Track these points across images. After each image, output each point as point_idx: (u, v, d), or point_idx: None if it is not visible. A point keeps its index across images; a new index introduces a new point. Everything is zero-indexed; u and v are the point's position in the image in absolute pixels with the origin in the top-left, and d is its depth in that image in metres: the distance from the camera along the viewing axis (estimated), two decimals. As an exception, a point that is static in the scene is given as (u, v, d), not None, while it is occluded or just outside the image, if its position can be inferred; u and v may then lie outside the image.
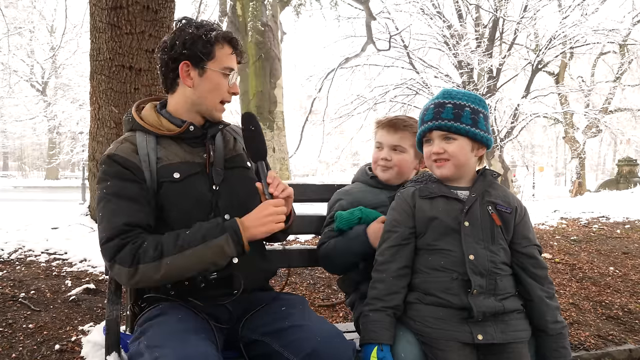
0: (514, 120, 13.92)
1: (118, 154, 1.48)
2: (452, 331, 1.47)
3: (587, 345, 2.90)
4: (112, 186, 1.45)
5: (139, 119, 1.56)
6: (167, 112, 1.58)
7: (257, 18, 8.85)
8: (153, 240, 1.39)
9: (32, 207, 8.64)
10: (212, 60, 1.51)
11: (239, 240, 1.40)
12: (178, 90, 1.56)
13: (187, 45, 1.49)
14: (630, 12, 14.37)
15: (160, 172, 1.49)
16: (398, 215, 1.61)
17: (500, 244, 1.56)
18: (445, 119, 1.54)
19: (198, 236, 1.39)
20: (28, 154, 41.58)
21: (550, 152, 44.59)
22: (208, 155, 1.55)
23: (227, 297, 1.50)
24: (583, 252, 4.50)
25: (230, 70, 1.54)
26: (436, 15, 13.91)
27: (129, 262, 1.35)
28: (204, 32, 1.50)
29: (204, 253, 1.37)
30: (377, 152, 1.92)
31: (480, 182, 1.60)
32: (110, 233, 1.39)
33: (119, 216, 1.40)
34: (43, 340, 2.41)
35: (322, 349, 1.31)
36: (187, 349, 1.23)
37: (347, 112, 14.71)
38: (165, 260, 1.35)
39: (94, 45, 3.44)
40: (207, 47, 1.50)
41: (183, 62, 1.51)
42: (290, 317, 1.44)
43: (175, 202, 1.48)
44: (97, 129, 3.62)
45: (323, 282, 3.49)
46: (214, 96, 1.54)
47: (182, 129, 1.54)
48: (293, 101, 31.24)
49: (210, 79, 1.52)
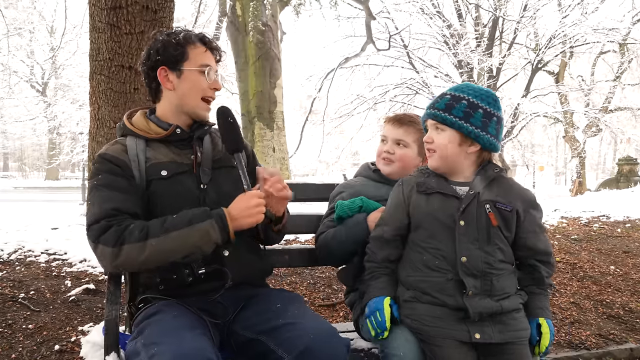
0: (514, 120, 13.91)
1: (109, 153, 1.55)
2: (449, 329, 1.46)
3: (588, 345, 2.90)
4: (103, 179, 1.50)
5: (129, 125, 1.63)
6: (156, 117, 1.65)
7: (257, 18, 8.84)
8: (140, 224, 1.43)
9: (32, 208, 8.65)
10: (186, 61, 1.57)
11: (224, 227, 1.43)
12: (163, 96, 1.63)
13: (160, 52, 1.57)
14: (630, 11, 14.35)
15: (149, 170, 1.54)
16: (393, 206, 1.63)
17: (497, 244, 1.52)
18: (437, 109, 1.54)
19: (185, 219, 1.42)
20: (28, 154, 41.58)
21: (550, 151, 44.57)
22: (195, 156, 1.59)
23: (217, 291, 1.51)
24: (584, 251, 4.49)
25: (207, 67, 1.59)
26: (436, 14, 13.90)
27: (113, 242, 1.38)
28: (173, 37, 1.58)
29: (190, 235, 1.40)
30: (381, 146, 1.95)
31: (481, 178, 1.56)
32: (97, 216, 1.43)
33: (107, 202, 1.45)
34: (43, 341, 2.41)
35: (316, 346, 1.31)
36: (183, 345, 1.23)
37: (347, 111, 14.72)
38: (150, 242, 1.38)
39: (94, 46, 3.43)
40: (179, 49, 1.57)
41: (160, 68, 1.58)
42: (284, 315, 1.44)
43: (162, 198, 1.52)
44: (96, 129, 3.62)
45: (323, 281, 3.49)
46: (195, 94, 1.59)
47: (169, 132, 1.59)
48: (293, 101, 31.22)
49: (189, 79, 1.58)
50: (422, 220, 1.55)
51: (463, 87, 1.58)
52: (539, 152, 42.17)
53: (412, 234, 1.58)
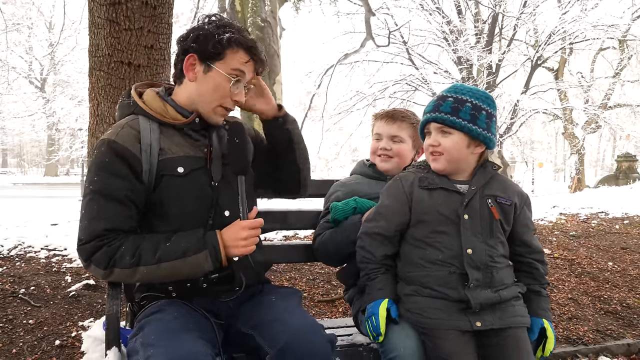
0: (514, 116, 13.92)
1: (118, 141, 1.41)
2: (450, 320, 1.48)
3: (586, 340, 2.91)
4: (99, 181, 1.39)
5: (142, 104, 1.50)
6: (173, 101, 1.53)
7: (256, 14, 8.82)
8: (131, 246, 1.36)
9: (32, 204, 8.64)
10: (220, 61, 1.47)
11: (217, 258, 1.39)
12: (183, 83, 1.53)
13: (199, 40, 1.46)
14: (629, 7, 14.35)
15: (161, 165, 1.44)
16: (394, 201, 1.61)
17: (499, 238, 1.57)
18: (443, 112, 1.54)
19: (178, 251, 1.37)
20: (27, 150, 41.54)
21: (549, 148, 44.59)
22: (209, 150, 1.52)
23: (228, 294, 1.51)
24: (582, 248, 4.51)
25: (237, 76, 1.48)
26: (435, 11, 13.88)
27: (104, 265, 1.35)
28: (219, 32, 1.46)
29: (181, 267, 1.36)
30: (375, 143, 1.95)
31: (481, 175, 1.60)
32: (88, 236, 1.37)
33: (99, 220, 1.37)
34: (43, 336, 2.42)
35: (296, 342, 1.31)
36: (179, 348, 1.23)
37: (346, 108, 14.71)
38: (141, 269, 1.35)
39: (93, 42, 3.43)
40: (218, 47, 1.46)
41: (190, 54, 1.48)
42: (273, 310, 1.46)
43: (176, 197, 1.45)
44: (96, 125, 3.62)
45: (322, 277, 3.50)
46: (213, 97, 1.49)
47: (189, 120, 1.50)
48: (292, 97, 31.18)
49: (213, 79, 1.47)
50: (425, 215, 1.55)
51: (461, 89, 1.58)
52: (538, 148, 42.20)
53: (412, 229, 1.59)
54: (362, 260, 1.63)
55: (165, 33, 3.53)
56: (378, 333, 1.50)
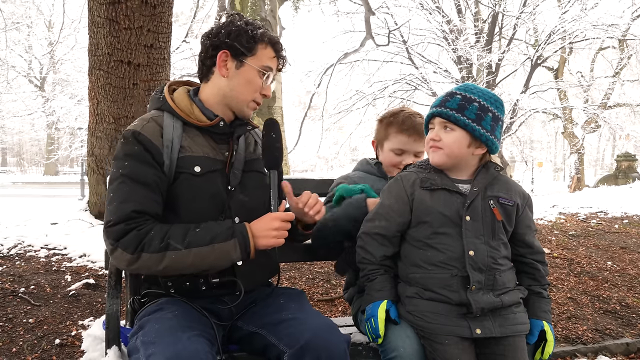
0: (513, 116, 13.90)
1: (143, 133, 1.44)
2: (450, 326, 1.47)
3: (585, 339, 2.92)
4: (129, 167, 1.41)
5: (170, 101, 1.53)
6: (200, 101, 1.56)
7: (256, 13, 8.82)
8: (160, 231, 1.37)
9: (31, 203, 8.64)
10: (252, 57, 1.51)
11: (246, 247, 1.40)
12: (212, 79, 1.55)
13: (231, 36, 1.50)
14: (629, 7, 14.34)
15: (181, 162, 1.46)
16: (394, 201, 1.59)
17: (501, 239, 1.55)
18: (449, 108, 1.53)
19: (207, 237, 1.38)
20: (26, 149, 41.52)
21: (549, 147, 44.60)
22: (230, 155, 1.54)
23: (229, 299, 1.51)
24: (581, 247, 4.52)
25: (268, 71, 1.53)
26: (435, 10, 13.86)
27: (133, 249, 1.34)
28: (250, 28, 1.51)
29: (209, 254, 1.37)
30: (396, 158, 1.87)
31: (483, 175, 1.58)
32: (117, 218, 1.37)
33: (129, 202, 1.38)
34: (43, 335, 2.42)
35: (316, 341, 1.32)
36: (179, 346, 1.23)
37: (346, 107, 14.71)
38: (170, 254, 1.35)
39: (93, 41, 3.43)
40: (251, 42, 1.50)
41: (223, 50, 1.50)
42: (286, 310, 1.45)
43: (190, 195, 1.46)
44: (95, 124, 3.62)
45: (322, 277, 3.51)
46: (246, 92, 1.53)
47: (213, 123, 1.52)
48: (292, 96, 31.18)
49: (246, 74, 1.51)
50: (426, 216, 1.54)
51: (472, 88, 1.57)
52: (538, 148, 42.21)
53: (412, 230, 1.57)
54: (361, 261, 1.62)
55: (165, 32, 3.53)
56: (377, 335, 1.50)
